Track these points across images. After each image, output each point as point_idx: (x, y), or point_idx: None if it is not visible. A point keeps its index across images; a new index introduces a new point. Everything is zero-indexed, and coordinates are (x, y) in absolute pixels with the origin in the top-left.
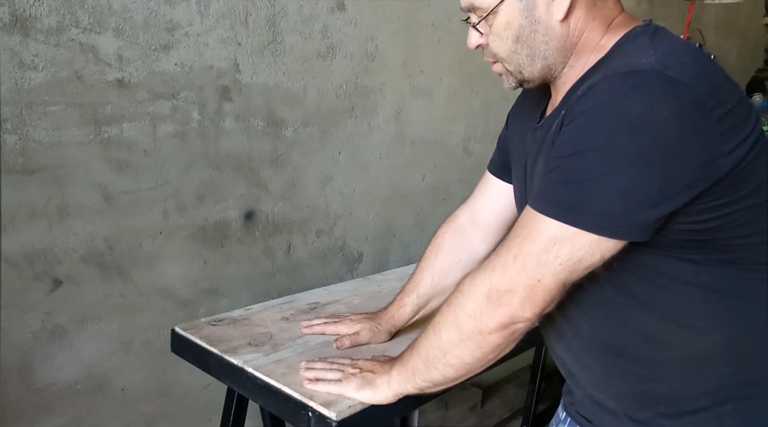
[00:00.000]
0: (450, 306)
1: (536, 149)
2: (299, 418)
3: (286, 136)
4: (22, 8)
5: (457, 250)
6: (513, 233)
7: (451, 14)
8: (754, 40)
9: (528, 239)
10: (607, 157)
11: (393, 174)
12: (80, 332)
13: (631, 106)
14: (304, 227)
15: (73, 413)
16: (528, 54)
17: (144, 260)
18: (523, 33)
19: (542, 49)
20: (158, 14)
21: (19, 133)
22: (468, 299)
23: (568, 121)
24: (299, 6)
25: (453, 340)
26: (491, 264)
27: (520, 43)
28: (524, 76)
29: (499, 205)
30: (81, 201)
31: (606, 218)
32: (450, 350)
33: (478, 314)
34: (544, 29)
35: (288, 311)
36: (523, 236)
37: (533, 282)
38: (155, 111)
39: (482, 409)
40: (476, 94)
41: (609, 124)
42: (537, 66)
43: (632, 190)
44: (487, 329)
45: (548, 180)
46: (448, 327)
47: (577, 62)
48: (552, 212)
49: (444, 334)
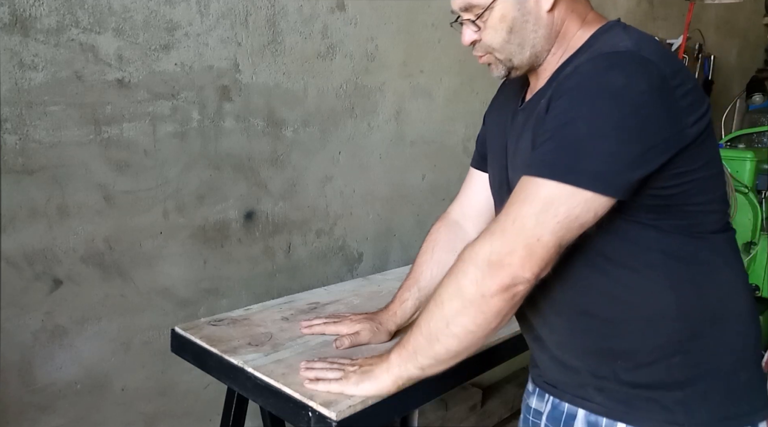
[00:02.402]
0: (451, 275)
1: (520, 128)
2: (299, 418)
3: (286, 136)
4: (22, 8)
5: (453, 242)
6: (510, 200)
7: (451, 14)
8: (754, 40)
9: (526, 202)
10: (595, 123)
11: (393, 174)
12: (80, 332)
13: (613, 80)
14: (304, 227)
15: (73, 413)
16: (519, 43)
17: (144, 260)
18: (516, 24)
19: (531, 38)
20: (158, 14)
21: (19, 133)
22: (469, 265)
23: (556, 97)
24: (299, 6)
25: (456, 308)
26: (490, 229)
27: (513, 34)
28: (514, 63)
29: (485, 193)
30: (81, 201)
31: (598, 175)
32: (453, 319)
33: (480, 279)
34: (534, 19)
35: (288, 311)
36: (521, 201)
37: (533, 241)
38: (155, 111)
39: (482, 409)
40: (476, 94)
41: (594, 95)
42: (526, 54)
43: (617, 151)
44: (489, 293)
45: (542, 149)
46: (450, 296)
47: (558, 50)
48: (549, 174)
49: (446, 304)
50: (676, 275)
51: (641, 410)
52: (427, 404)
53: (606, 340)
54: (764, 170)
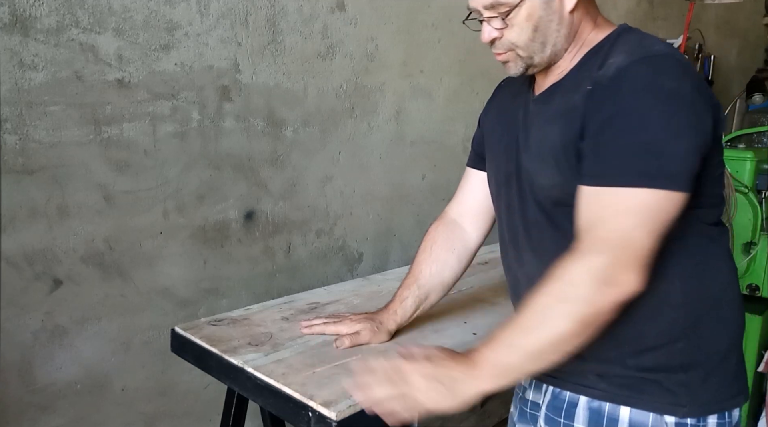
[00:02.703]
0: (552, 295)
1: (535, 118)
2: (299, 418)
3: (286, 136)
4: (22, 8)
5: (451, 240)
6: (600, 214)
7: (451, 14)
8: (754, 40)
9: (627, 215)
10: (668, 125)
11: (393, 174)
12: (80, 332)
13: (666, 82)
14: (304, 227)
15: (73, 413)
16: (542, 42)
17: (144, 260)
18: (542, 23)
19: (554, 37)
20: (158, 14)
21: (19, 133)
22: (580, 288)
23: (603, 97)
24: (299, 6)
25: (570, 331)
26: (596, 248)
27: (537, 32)
28: (534, 61)
29: (482, 194)
30: (81, 201)
31: (681, 175)
32: (568, 341)
33: (594, 299)
34: (558, 19)
35: (288, 311)
36: (618, 213)
37: (644, 253)
38: (155, 111)
39: (482, 409)
40: (476, 94)
41: (656, 98)
42: (547, 52)
43: (689, 149)
44: (606, 311)
45: (619, 157)
46: (559, 319)
47: (573, 49)
48: (639, 182)
49: (556, 328)
50: (683, 263)
51: (645, 393)
52: None
53: (613, 326)
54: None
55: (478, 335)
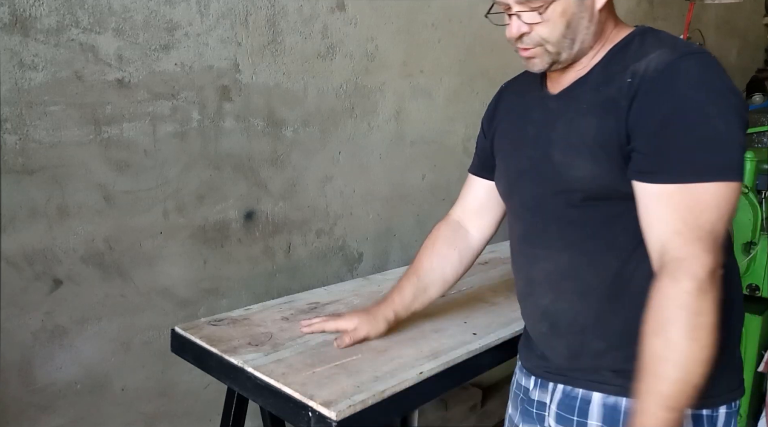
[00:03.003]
0: (684, 336)
1: (559, 113)
2: (299, 418)
3: (286, 136)
4: (22, 8)
5: (453, 238)
6: (681, 214)
7: (451, 14)
8: (754, 40)
9: (711, 211)
10: (726, 120)
11: (393, 174)
12: (80, 332)
13: (714, 78)
14: (304, 227)
15: (73, 413)
16: (572, 38)
17: (144, 260)
18: (574, 19)
19: (583, 34)
20: (158, 14)
21: (19, 133)
22: (706, 316)
23: (657, 92)
24: (299, 6)
25: (699, 356)
26: (692, 258)
27: (570, 29)
28: (561, 57)
29: (485, 198)
30: (81, 201)
31: (741, 166)
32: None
33: (720, 295)
34: (589, 16)
35: (288, 311)
36: (702, 210)
37: (721, 243)
38: (155, 111)
39: (482, 409)
40: (476, 94)
41: (711, 94)
42: (575, 49)
43: (742, 141)
44: (714, 312)
45: (689, 153)
46: (699, 351)
47: (596, 46)
48: (711, 176)
49: (702, 359)
50: None
51: None
52: (427, 404)
53: (630, 323)
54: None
55: (477, 335)
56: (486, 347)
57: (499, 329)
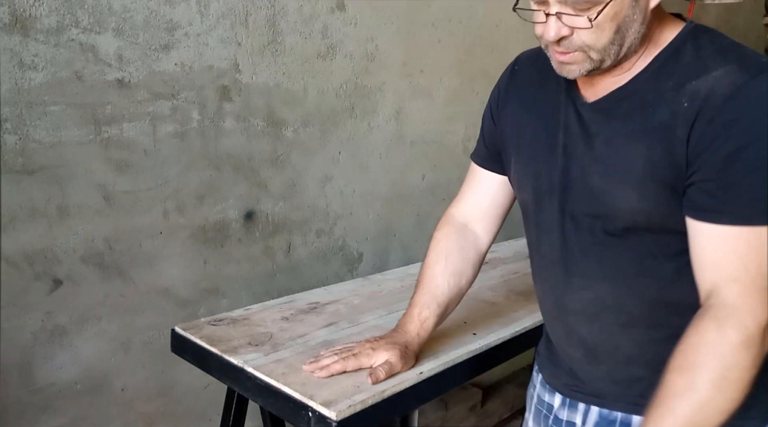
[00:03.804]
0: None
1: (610, 129)
2: (299, 418)
3: (286, 136)
4: (22, 8)
5: (465, 249)
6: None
7: (451, 14)
8: (754, 40)
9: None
10: None
11: (393, 174)
12: (80, 332)
13: None
14: (304, 227)
15: (73, 413)
16: (621, 43)
17: (144, 260)
18: (625, 23)
19: (632, 38)
20: (158, 14)
21: (19, 133)
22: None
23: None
24: (299, 6)
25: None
26: (755, 301)
27: (619, 33)
28: (604, 64)
29: (493, 196)
30: (81, 201)
31: None
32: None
33: (763, 350)
34: (642, 18)
35: (288, 311)
36: (754, 257)
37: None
38: (155, 111)
39: (482, 409)
40: (476, 94)
41: None
42: (622, 53)
43: None
44: (754, 368)
45: (756, 194)
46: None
47: (640, 48)
48: None
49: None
50: None
51: None
52: (427, 404)
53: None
54: None
55: (477, 335)
56: (486, 347)
57: (499, 329)
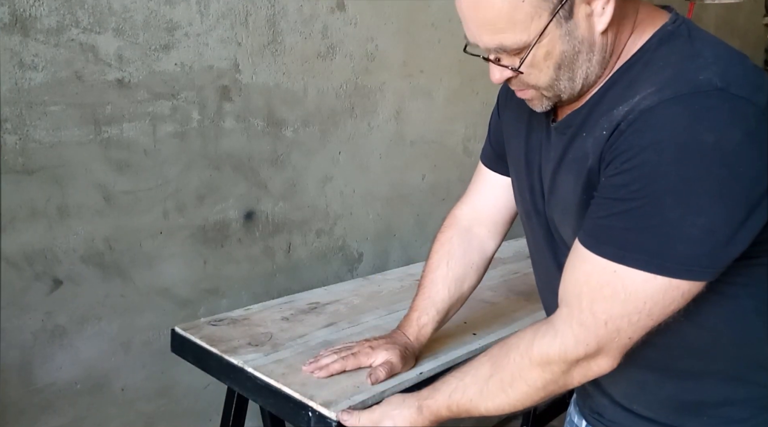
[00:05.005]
0: (522, 378)
1: (554, 154)
2: (299, 418)
3: (286, 136)
4: (22, 8)
5: (469, 254)
6: (586, 290)
7: (451, 14)
8: (754, 40)
9: (616, 301)
10: (686, 197)
11: (393, 174)
12: (80, 332)
13: (702, 136)
14: (304, 227)
15: (73, 413)
16: (570, 77)
17: (144, 260)
18: (566, 58)
19: (584, 68)
20: (158, 14)
21: (19, 133)
22: (553, 366)
23: (623, 150)
24: (299, 6)
25: (519, 402)
26: (579, 332)
27: (561, 70)
28: (563, 97)
29: (501, 199)
30: (81, 201)
31: (694, 261)
32: (518, 403)
33: (562, 376)
34: (587, 47)
35: (288, 311)
36: (607, 297)
37: (626, 342)
38: (155, 111)
39: None
40: (476, 94)
41: (682, 160)
42: (578, 86)
43: (718, 226)
44: (569, 385)
45: (620, 226)
46: (524, 398)
47: (609, 65)
48: (637, 264)
49: (517, 402)
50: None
51: None
52: None
53: (687, 393)
54: None
55: (477, 335)
56: (486, 347)
57: (499, 329)
